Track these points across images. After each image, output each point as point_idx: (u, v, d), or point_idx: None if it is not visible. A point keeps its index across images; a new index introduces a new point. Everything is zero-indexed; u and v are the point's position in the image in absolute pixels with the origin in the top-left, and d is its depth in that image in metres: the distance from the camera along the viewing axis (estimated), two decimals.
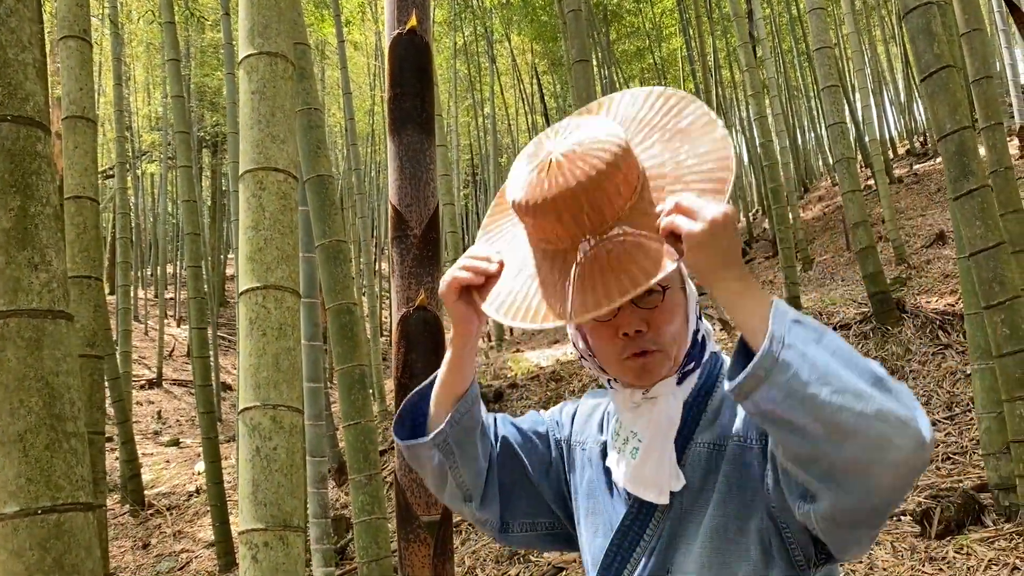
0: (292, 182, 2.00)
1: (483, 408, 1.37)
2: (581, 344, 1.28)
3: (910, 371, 6.09)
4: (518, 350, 13.39)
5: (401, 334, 2.03)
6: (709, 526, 1.16)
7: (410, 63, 2.17)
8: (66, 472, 1.42)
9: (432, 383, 1.34)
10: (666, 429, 1.19)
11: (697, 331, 1.24)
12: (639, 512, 1.23)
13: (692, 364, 1.23)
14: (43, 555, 1.41)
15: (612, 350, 1.20)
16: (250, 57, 2.04)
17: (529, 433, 1.43)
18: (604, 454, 1.33)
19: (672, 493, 1.19)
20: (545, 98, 18.90)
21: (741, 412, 1.18)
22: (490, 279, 1.19)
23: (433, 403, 1.32)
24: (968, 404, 5.37)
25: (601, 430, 1.37)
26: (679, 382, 1.22)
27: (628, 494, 1.25)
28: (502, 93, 21.84)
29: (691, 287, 1.25)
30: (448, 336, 1.47)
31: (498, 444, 1.39)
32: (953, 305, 6.74)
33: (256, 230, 1.91)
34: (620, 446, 1.25)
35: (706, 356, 1.26)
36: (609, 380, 1.26)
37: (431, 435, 1.29)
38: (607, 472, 1.30)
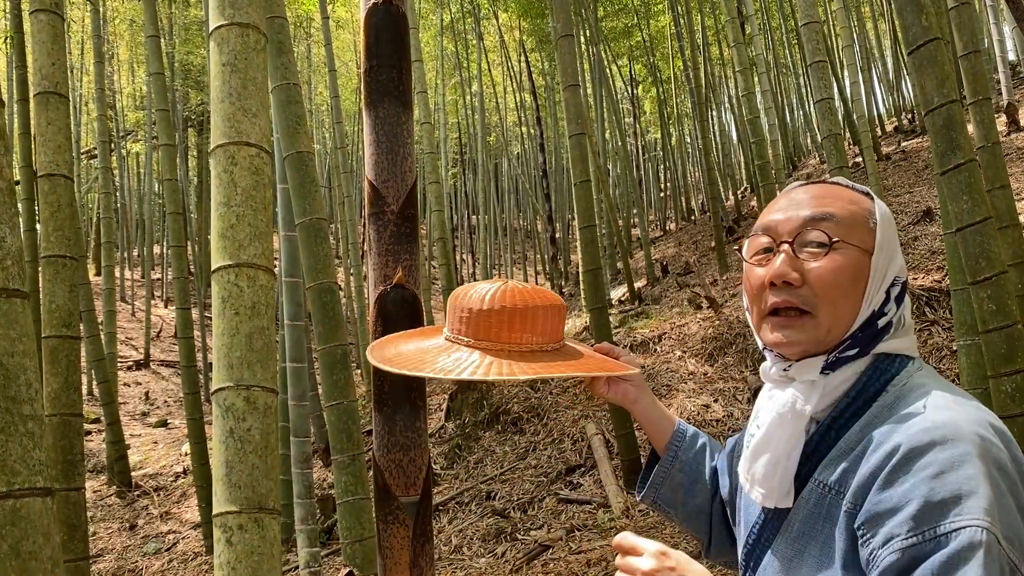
0: (265, 157, 1.95)
1: (705, 458, 1.31)
2: (745, 300, 1.10)
3: None
4: None
5: (378, 313, 1.99)
6: None
7: (386, 34, 2.11)
8: (22, 456, 1.37)
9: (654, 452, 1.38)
10: (788, 425, 1.00)
11: (880, 315, 1.01)
12: (771, 516, 1.05)
13: (855, 350, 1.00)
14: None
15: (756, 303, 1.05)
16: (220, 28, 1.98)
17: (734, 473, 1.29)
18: None
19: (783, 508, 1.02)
20: (533, 76, 18.75)
21: (871, 464, 0.91)
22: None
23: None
24: (954, 380, 5.38)
25: None
26: (827, 367, 1.00)
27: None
28: (490, 71, 21.67)
29: (893, 263, 1.03)
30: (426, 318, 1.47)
31: (717, 496, 1.29)
32: (940, 282, 6.75)
33: (228, 206, 1.86)
34: (751, 426, 1.09)
35: (878, 349, 1.01)
36: (764, 347, 1.08)
37: (640, 496, 1.33)
38: None
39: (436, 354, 1.22)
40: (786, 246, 1.02)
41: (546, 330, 1.20)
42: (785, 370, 1.03)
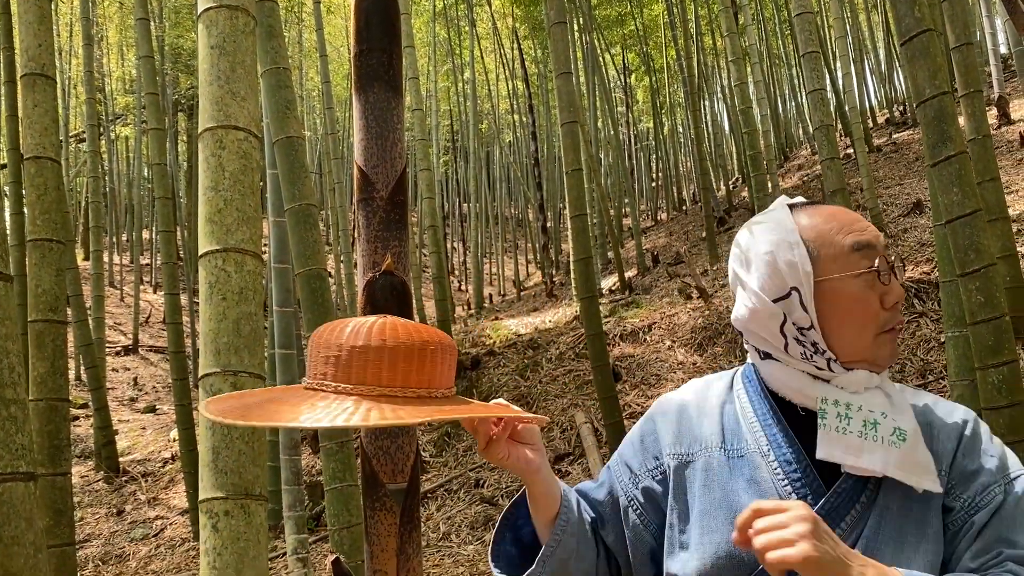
0: (254, 141, 1.93)
1: (583, 513, 1.27)
2: (799, 315, 1.14)
3: None
4: (497, 317, 13.37)
5: (367, 300, 1.98)
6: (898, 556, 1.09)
7: (377, 17, 2.09)
8: (4, 440, 1.35)
9: (511, 514, 1.28)
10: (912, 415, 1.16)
11: None
12: (847, 497, 1.12)
13: None
14: None
15: (873, 322, 1.14)
16: (209, 10, 1.96)
17: (617, 518, 1.29)
18: (728, 451, 1.20)
19: (879, 487, 1.13)
20: (526, 63, 18.68)
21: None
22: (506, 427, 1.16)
23: (538, 529, 1.24)
24: (942, 372, 5.41)
25: (724, 426, 1.23)
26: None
27: (801, 483, 1.14)
28: (482, 58, 21.57)
29: None
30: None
31: (600, 548, 1.28)
32: (928, 274, 6.77)
33: (216, 191, 1.85)
34: (863, 431, 1.11)
35: None
36: (829, 361, 1.14)
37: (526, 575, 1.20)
38: (745, 465, 1.18)
39: (296, 403, 0.98)
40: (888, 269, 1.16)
41: (435, 373, 1.03)
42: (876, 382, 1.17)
